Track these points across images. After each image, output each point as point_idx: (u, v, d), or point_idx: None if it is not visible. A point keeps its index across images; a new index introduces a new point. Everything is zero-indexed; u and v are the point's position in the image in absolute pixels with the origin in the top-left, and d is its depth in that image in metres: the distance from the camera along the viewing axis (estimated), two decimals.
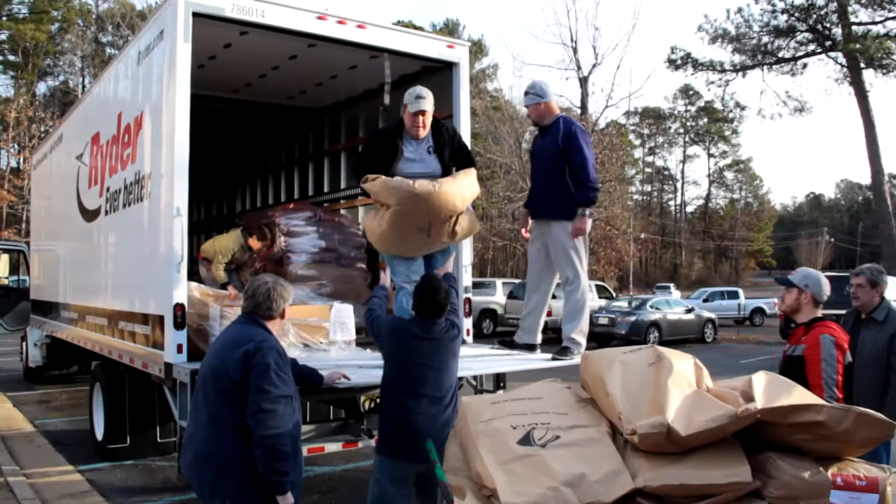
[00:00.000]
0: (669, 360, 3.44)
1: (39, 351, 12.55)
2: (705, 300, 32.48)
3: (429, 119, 5.76)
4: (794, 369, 4.27)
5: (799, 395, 3.25)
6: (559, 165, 6.09)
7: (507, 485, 2.99)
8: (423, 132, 5.77)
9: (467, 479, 3.26)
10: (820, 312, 4.51)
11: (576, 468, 3.00)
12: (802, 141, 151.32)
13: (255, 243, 8.51)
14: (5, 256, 17.88)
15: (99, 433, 7.98)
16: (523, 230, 6.56)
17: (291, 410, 3.51)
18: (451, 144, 5.96)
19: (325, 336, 6.34)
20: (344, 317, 6.36)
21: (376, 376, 4.98)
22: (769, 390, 3.26)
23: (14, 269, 17.43)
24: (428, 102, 5.70)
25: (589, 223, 6.10)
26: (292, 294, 3.85)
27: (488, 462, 3.14)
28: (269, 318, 3.72)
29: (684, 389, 3.26)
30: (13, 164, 45.13)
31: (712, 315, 25.15)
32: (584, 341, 6.17)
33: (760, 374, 3.45)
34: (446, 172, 5.86)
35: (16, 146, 43.62)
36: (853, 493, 3.04)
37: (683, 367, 3.45)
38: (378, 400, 6.41)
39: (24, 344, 13.68)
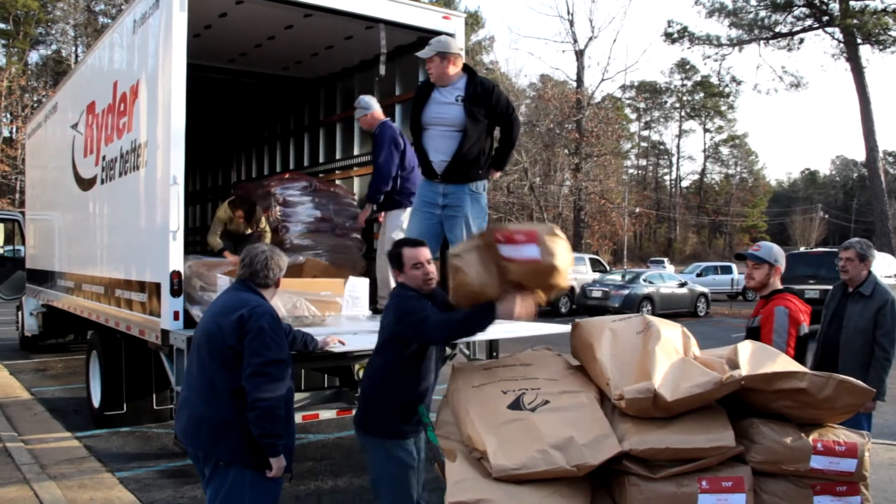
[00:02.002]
0: (658, 329, 3.52)
1: (35, 320, 12.61)
2: (699, 274, 32.60)
3: (440, 66, 5.58)
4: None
5: (783, 363, 3.33)
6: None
7: (497, 447, 3.06)
8: (437, 79, 5.62)
9: (458, 442, 3.34)
10: (780, 284, 4.59)
11: (564, 432, 3.08)
12: (798, 117, 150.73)
13: (238, 214, 8.73)
14: (0, 226, 17.86)
15: (96, 400, 8.06)
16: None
17: (285, 375, 3.57)
18: (486, 102, 5.62)
19: (337, 311, 6.18)
20: (358, 291, 6.24)
21: (371, 342, 5.05)
22: (754, 358, 3.34)
23: (9, 238, 17.43)
24: (432, 49, 5.56)
25: (364, 216, 7.24)
26: (286, 264, 3.90)
27: (479, 425, 3.21)
28: (265, 286, 3.78)
29: (672, 356, 3.34)
30: (6, 133, 44.82)
31: (705, 289, 25.30)
32: None
33: (746, 343, 3.53)
34: (466, 126, 5.60)
35: (8, 115, 43.29)
36: (833, 457, 3.14)
37: (671, 335, 3.52)
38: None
39: (19, 313, 13.73)
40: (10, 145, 41.17)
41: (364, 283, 6.40)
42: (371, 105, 7.11)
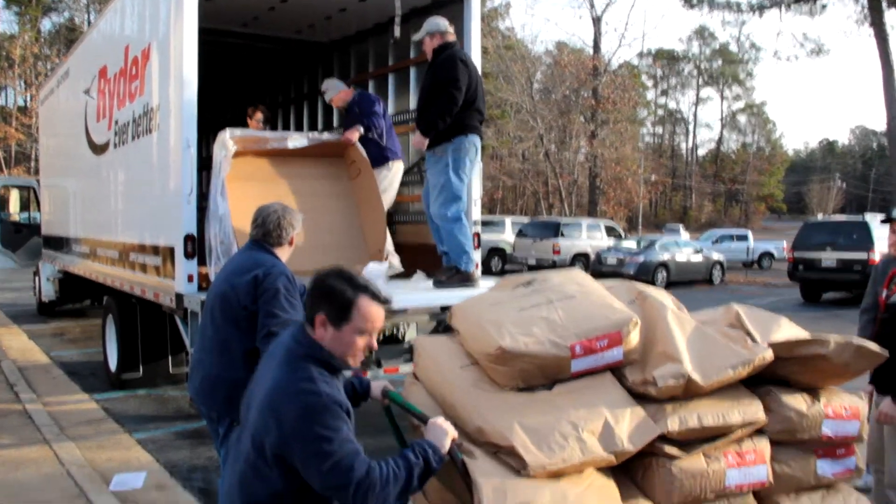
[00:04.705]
0: (655, 297, 3.25)
1: (52, 286, 12.72)
2: (715, 242, 32.40)
3: (428, 44, 6.22)
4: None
5: (787, 327, 3.23)
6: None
7: (527, 440, 2.66)
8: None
9: (463, 435, 2.81)
10: None
11: (595, 413, 2.77)
12: (818, 86, 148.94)
13: (253, 123, 8.57)
14: (16, 193, 18.00)
15: (112, 364, 8.15)
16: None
17: None
18: (431, 70, 6.16)
19: None
20: (374, 278, 6.17)
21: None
22: (757, 324, 3.18)
23: (25, 205, 17.56)
24: (423, 31, 6.23)
25: (353, 134, 6.91)
26: (300, 221, 3.88)
27: (490, 415, 2.78)
28: (279, 245, 3.76)
29: (686, 330, 3.08)
30: (20, 102, 44.88)
31: (721, 257, 25.15)
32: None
33: (735, 307, 3.32)
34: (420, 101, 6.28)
35: (22, 83, 43.29)
36: (841, 422, 3.11)
37: (669, 303, 3.26)
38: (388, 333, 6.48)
39: (36, 279, 13.87)
40: (24, 113, 41.26)
41: (381, 269, 6.21)
42: (338, 85, 7.61)
